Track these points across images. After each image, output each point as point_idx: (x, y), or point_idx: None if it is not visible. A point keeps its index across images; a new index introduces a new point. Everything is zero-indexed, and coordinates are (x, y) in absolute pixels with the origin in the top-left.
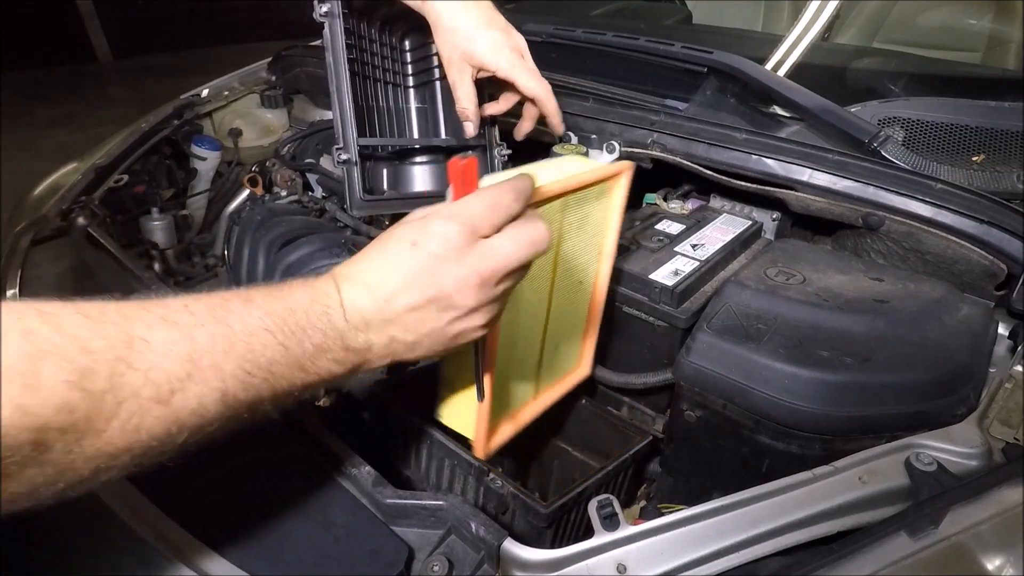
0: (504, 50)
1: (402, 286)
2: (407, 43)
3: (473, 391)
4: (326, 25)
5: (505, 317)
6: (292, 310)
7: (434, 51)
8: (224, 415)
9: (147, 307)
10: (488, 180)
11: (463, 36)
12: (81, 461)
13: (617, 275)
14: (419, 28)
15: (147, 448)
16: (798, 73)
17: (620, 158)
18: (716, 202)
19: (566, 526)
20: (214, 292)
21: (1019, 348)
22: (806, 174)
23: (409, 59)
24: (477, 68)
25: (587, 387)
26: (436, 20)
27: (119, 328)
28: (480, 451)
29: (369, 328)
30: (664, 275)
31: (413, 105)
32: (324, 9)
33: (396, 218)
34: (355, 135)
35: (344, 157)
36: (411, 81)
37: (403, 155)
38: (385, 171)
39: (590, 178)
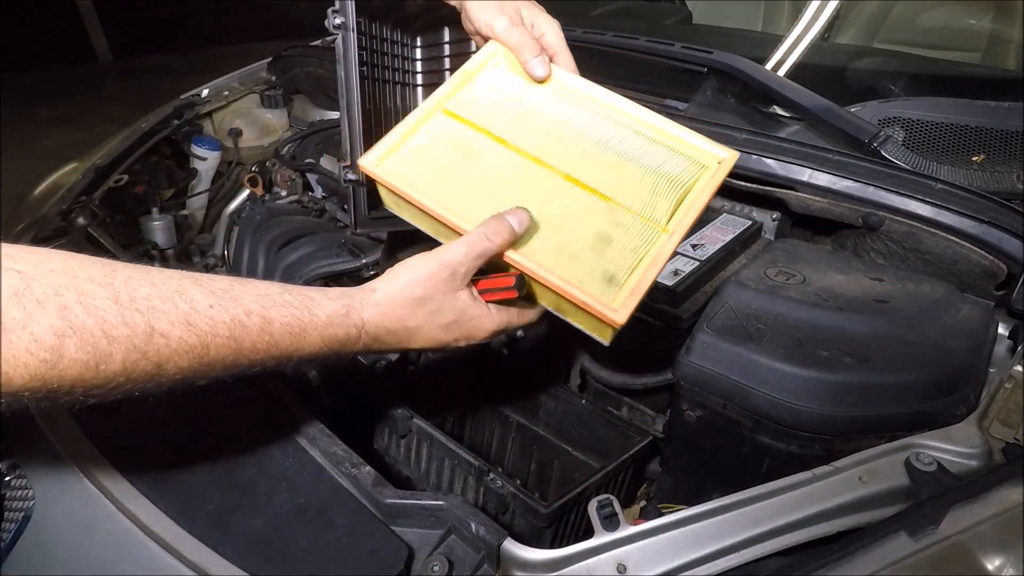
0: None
1: (423, 347)
2: (419, 42)
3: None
4: (339, 37)
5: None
6: (301, 354)
7: (446, 52)
8: (206, 382)
9: (175, 300)
10: None
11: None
12: (83, 401)
13: None
14: (433, 27)
15: (137, 392)
16: (798, 73)
17: None
18: (716, 202)
19: (566, 526)
20: (241, 298)
21: (1019, 348)
22: (806, 174)
23: (419, 56)
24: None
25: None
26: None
27: (144, 319)
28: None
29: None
30: (664, 275)
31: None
32: (337, 21)
33: (396, 234)
34: (363, 153)
35: (351, 177)
36: (420, 79)
37: None
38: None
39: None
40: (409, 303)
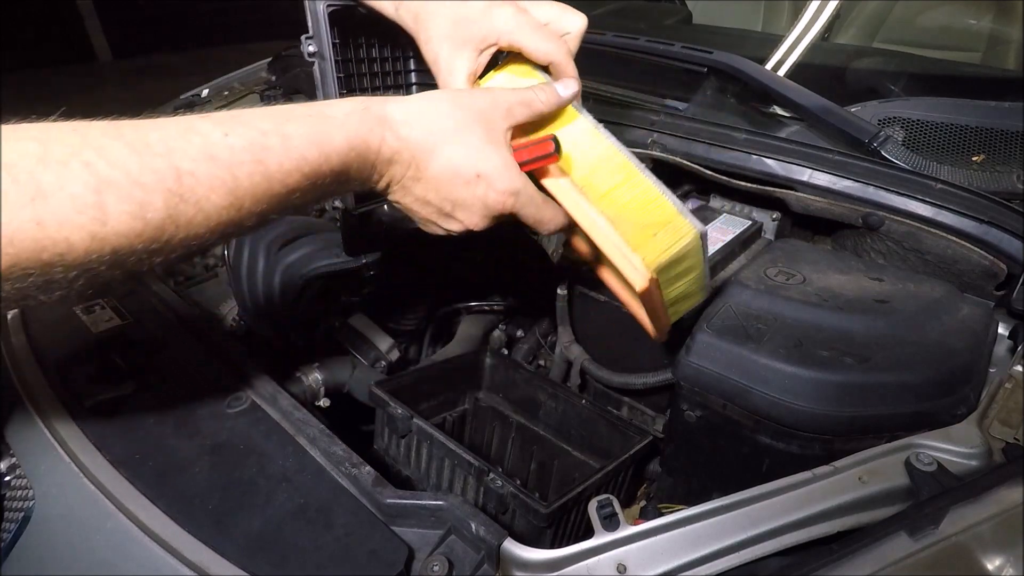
0: (503, 9)
1: (438, 186)
2: (411, 49)
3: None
4: (316, 66)
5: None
6: (331, 165)
7: None
8: (258, 224)
9: (188, 136)
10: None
11: (448, 14)
12: (150, 262)
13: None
14: None
15: (200, 247)
16: (798, 73)
17: None
18: (716, 202)
19: (566, 526)
20: (252, 120)
21: (1019, 348)
22: (806, 174)
23: (413, 53)
24: (476, 46)
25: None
26: (416, 15)
27: (165, 161)
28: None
29: (394, 188)
30: None
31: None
32: (312, 49)
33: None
34: None
35: (338, 204)
36: (414, 78)
37: None
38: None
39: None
40: (438, 111)
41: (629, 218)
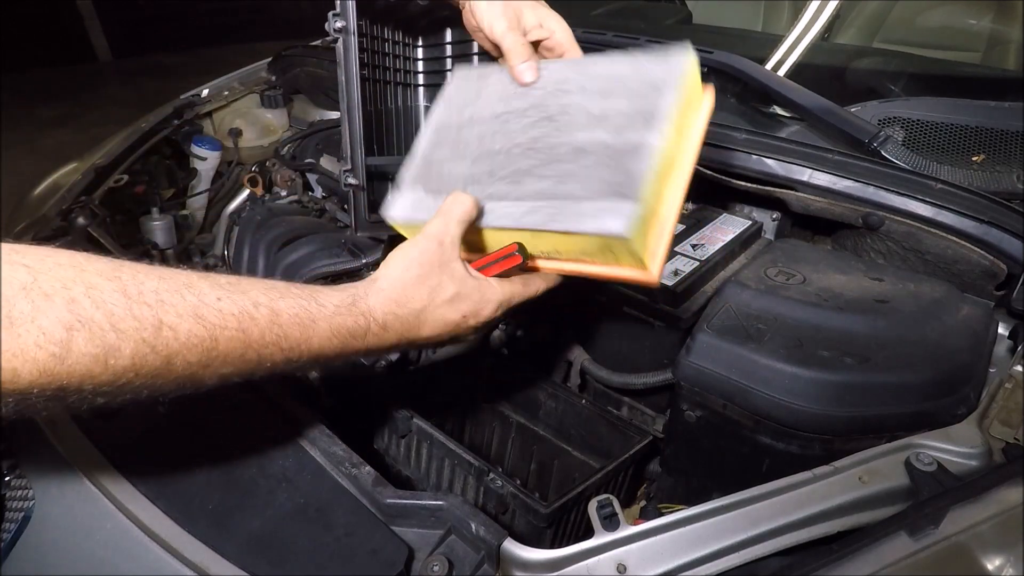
0: (496, 8)
1: (432, 335)
2: (421, 42)
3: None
4: (339, 41)
5: None
6: (309, 345)
7: (448, 53)
8: (217, 384)
9: (183, 293)
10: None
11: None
12: (93, 401)
13: None
14: (434, 27)
15: (152, 394)
16: (798, 73)
17: None
18: (717, 202)
19: (566, 526)
20: (248, 290)
21: (1019, 348)
22: (806, 174)
23: (421, 55)
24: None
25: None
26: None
27: (152, 312)
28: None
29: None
30: (664, 275)
31: (422, 104)
32: (338, 25)
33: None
34: (363, 157)
35: (352, 181)
36: (421, 79)
37: None
38: (390, 184)
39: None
40: (410, 284)
41: (589, 255)
